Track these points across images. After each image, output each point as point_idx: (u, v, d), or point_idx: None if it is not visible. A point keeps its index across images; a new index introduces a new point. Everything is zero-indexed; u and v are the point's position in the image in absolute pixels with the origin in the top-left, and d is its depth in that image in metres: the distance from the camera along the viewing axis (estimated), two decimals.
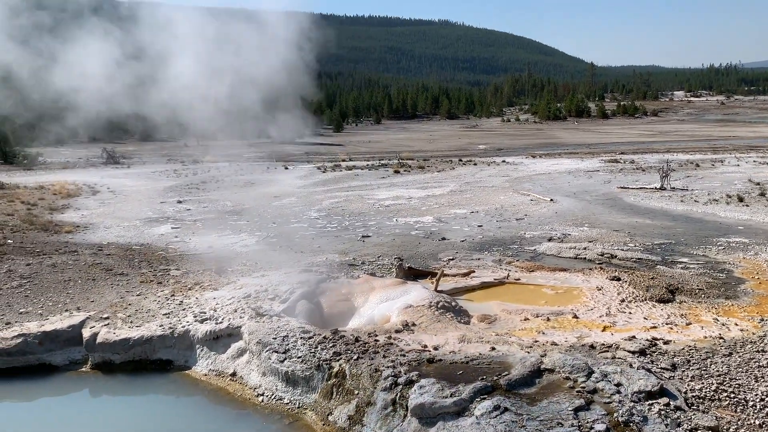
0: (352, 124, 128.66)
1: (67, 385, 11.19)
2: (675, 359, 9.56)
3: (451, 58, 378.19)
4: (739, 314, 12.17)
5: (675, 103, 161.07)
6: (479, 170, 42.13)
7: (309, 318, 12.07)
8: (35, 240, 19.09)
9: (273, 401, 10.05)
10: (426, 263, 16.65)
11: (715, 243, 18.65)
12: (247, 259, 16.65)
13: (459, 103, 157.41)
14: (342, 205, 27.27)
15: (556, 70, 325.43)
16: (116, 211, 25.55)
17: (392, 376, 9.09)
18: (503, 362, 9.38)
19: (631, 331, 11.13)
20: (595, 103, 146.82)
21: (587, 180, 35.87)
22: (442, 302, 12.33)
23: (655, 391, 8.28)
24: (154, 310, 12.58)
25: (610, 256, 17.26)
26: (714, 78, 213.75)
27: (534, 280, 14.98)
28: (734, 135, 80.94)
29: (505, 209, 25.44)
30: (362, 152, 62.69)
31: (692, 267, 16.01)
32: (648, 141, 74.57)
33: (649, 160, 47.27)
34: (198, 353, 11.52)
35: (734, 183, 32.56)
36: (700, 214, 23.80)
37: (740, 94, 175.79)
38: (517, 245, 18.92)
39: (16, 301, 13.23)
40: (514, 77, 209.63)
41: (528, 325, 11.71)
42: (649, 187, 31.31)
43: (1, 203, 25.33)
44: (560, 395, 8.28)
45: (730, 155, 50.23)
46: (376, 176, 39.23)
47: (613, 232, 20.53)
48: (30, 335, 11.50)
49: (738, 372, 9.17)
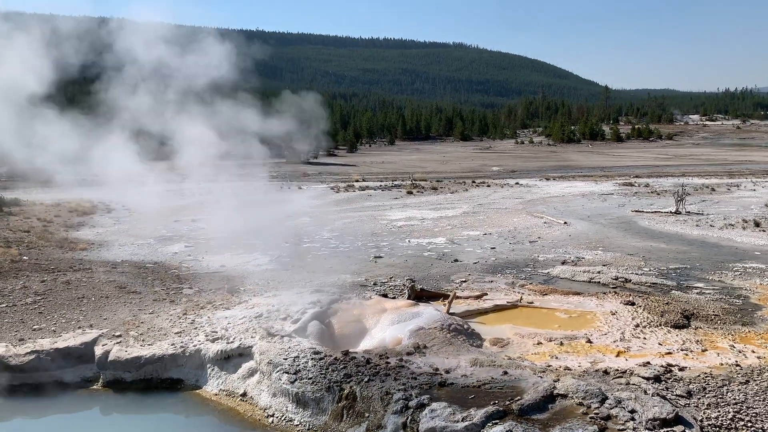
0: (365, 144, 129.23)
1: (79, 403, 11.21)
2: (690, 386, 9.42)
3: (465, 80, 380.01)
4: (756, 341, 11.98)
5: (690, 126, 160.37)
6: (492, 192, 42.09)
7: (320, 339, 12.04)
8: (50, 257, 19.27)
9: (283, 422, 9.99)
10: (438, 285, 16.58)
11: (731, 268, 18.43)
12: (259, 279, 16.68)
13: (473, 125, 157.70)
14: (355, 225, 27.31)
15: (570, 92, 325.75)
16: (130, 228, 25.76)
17: (403, 399, 9.02)
18: (516, 387, 9.29)
19: (646, 356, 10.99)
20: (610, 126, 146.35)
21: (601, 203, 35.69)
22: (454, 325, 12.25)
23: (671, 418, 8.15)
24: (166, 329, 12.61)
25: (624, 281, 17.09)
26: (729, 102, 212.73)
27: (547, 304, 14.85)
28: (750, 159, 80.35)
29: (519, 231, 25.35)
30: (375, 173, 62.87)
31: (708, 292, 15.82)
32: (663, 164, 74.21)
33: (664, 183, 47.00)
34: (209, 372, 11.51)
35: (750, 208, 32.25)
36: (715, 239, 23.56)
37: (756, 118, 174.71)
38: (530, 268, 18.80)
39: (30, 318, 13.33)
40: (528, 99, 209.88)
41: (541, 349, 11.60)
42: (664, 211, 31.08)
43: (17, 220, 25.64)
44: (573, 421, 8.17)
45: (746, 180, 49.84)
46: (389, 197, 39.30)
47: (628, 256, 20.36)
48: (43, 352, 11.56)
49: (755, 400, 9.01)
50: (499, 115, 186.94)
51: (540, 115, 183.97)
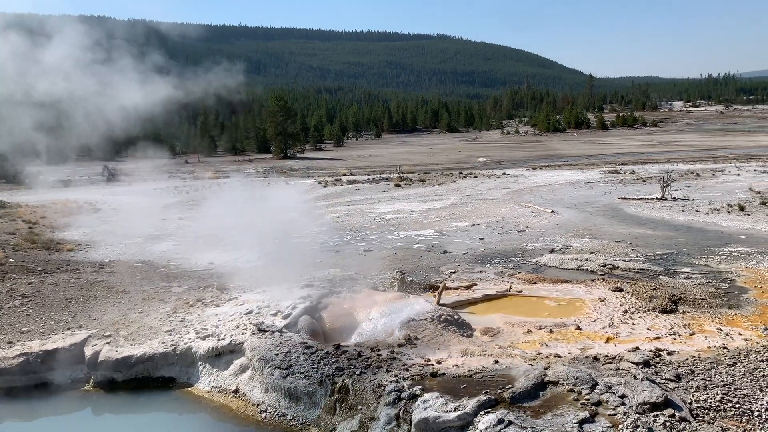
0: (352, 138, 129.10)
1: (70, 404, 11.14)
2: (679, 370, 9.52)
3: (450, 72, 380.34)
4: (742, 324, 12.13)
5: (674, 113, 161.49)
6: (480, 183, 42.19)
7: (311, 333, 12.04)
8: (37, 258, 19.10)
9: (276, 417, 10.00)
10: (428, 276, 16.63)
11: (717, 252, 18.62)
12: (248, 275, 16.62)
13: (459, 117, 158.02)
14: (343, 219, 27.29)
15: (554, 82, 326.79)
16: (118, 228, 25.54)
17: (395, 390, 9.06)
18: (507, 375, 9.35)
19: (635, 342, 11.09)
20: (595, 115, 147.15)
21: (588, 191, 35.89)
22: (444, 315, 12.30)
23: (660, 402, 8.24)
24: (156, 328, 12.56)
25: (612, 267, 17.23)
26: (713, 88, 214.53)
27: (536, 292, 14.95)
28: (734, 144, 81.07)
29: (507, 221, 25.44)
30: (363, 166, 62.82)
31: (695, 277, 15.98)
32: (648, 151, 74.69)
33: (650, 170, 47.33)
34: (200, 370, 11.48)
35: (735, 192, 32.57)
36: (701, 224, 23.78)
37: (739, 103, 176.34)
38: (518, 257, 18.89)
39: (18, 320, 13.21)
40: (513, 90, 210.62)
41: (531, 337, 11.67)
42: (650, 198, 31.32)
43: (2, 222, 25.36)
44: (564, 408, 8.24)
45: (730, 164, 50.31)
46: (377, 190, 39.28)
47: (615, 243, 20.51)
48: (32, 354, 11.48)
49: (743, 382, 9.13)
50: (485, 106, 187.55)
51: (525, 105, 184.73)
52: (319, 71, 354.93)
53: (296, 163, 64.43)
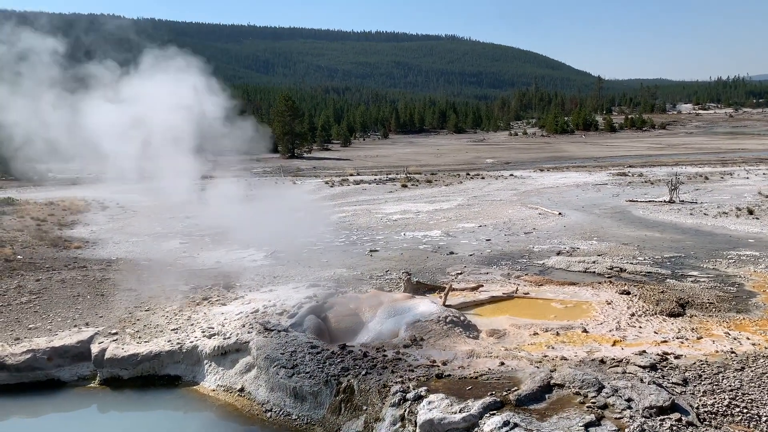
0: (359, 138, 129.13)
1: (76, 401, 11.19)
2: (686, 374, 9.47)
3: (458, 73, 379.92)
4: (750, 328, 12.04)
5: (683, 116, 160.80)
6: (487, 184, 42.11)
7: (317, 333, 12.04)
8: (45, 255, 19.20)
9: (281, 417, 10.01)
10: (434, 277, 16.60)
11: (726, 256, 18.51)
12: (255, 274, 16.66)
13: (466, 117, 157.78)
14: (350, 219, 27.30)
15: (563, 83, 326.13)
16: (125, 226, 25.68)
17: (401, 391, 9.04)
18: (512, 377, 9.32)
19: (642, 345, 11.03)
20: (603, 117, 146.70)
21: (595, 193, 35.76)
22: (450, 317, 12.27)
23: (667, 406, 8.19)
24: (162, 326, 12.60)
25: (619, 270, 17.15)
26: (722, 90, 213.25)
27: (543, 295, 14.89)
28: (743, 147, 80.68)
29: (513, 223, 25.38)
30: (370, 167, 62.83)
31: (702, 280, 15.89)
32: (656, 154, 74.42)
33: (658, 173, 47.12)
34: (206, 369, 11.50)
35: (744, 196, 32.38)
36: (709, 227, 23.65)
37: (748, 106, 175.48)
38: (525, 259, 18.84)
39: (25, 317, 13.28)
40: (521, 91, 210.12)
41: (537, 339, 11.63)
42: (658, 200, 31.18)
43: (11, 219, 25.51)
44: (570, 411, 8.21)
45: (739, 168, 50.01)
46: (383, 190, 39.26)
47: (622, 245, 20.42)
48: (39, 351, 11.53)
49: (750, 387, 9.06)
50: (493, 107, 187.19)
51: (533, 107, 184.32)
52: (327, 71, 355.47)
53: (303, 162, 64.56)
